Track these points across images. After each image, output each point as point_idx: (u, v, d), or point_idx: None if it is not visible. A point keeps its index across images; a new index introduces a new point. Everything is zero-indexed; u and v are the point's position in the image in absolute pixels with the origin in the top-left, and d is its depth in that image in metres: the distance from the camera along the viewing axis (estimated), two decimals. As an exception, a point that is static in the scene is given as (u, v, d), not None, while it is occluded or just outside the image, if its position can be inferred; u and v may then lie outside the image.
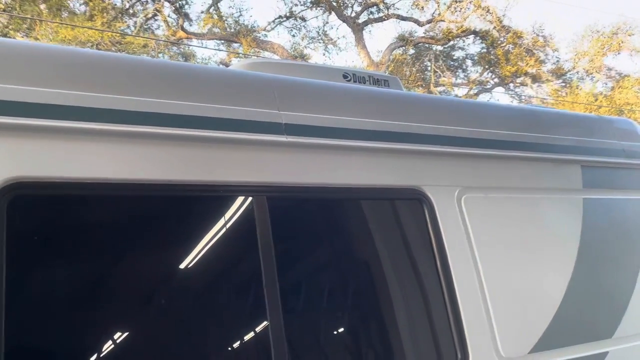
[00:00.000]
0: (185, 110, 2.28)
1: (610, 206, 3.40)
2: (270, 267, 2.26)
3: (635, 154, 3.66)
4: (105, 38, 15.31)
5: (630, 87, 20.96)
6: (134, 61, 2.48)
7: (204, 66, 4.71)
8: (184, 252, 2.22)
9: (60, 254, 2.01)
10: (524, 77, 20.29)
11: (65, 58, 2.20)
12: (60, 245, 2.02)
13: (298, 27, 19.40)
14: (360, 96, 2.98)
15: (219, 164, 2.31)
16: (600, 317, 3.08)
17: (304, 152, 2.53)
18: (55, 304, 1.96)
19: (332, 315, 2.52)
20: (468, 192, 2.88)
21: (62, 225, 2.05)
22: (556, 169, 3.28)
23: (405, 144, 2.81)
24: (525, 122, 3.37)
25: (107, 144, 2.10)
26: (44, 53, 2.20)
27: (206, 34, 18.04)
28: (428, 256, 2.71)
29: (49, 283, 1.96)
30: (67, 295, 2.00)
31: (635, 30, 20.51)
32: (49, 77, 2.06)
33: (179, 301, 2.21)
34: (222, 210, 2.34)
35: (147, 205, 2.23)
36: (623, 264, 3.29)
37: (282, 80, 2.72)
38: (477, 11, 18.50)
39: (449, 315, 2.62)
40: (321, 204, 2.63)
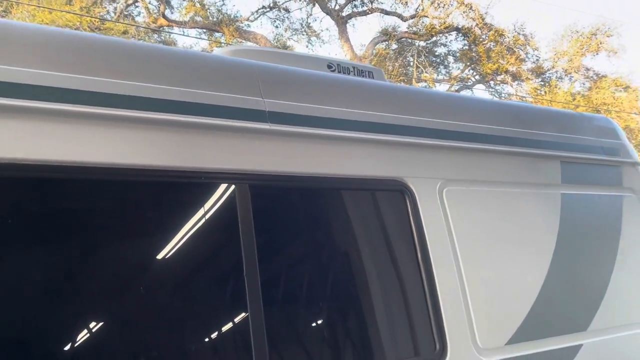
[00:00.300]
0: (165, 94, 2.23)
1: (587, 202, 3.45)
2: (251, 256, 2.23)
3: (613, 151, 3.72)
4: (84, 23, 15.00)
5: (607, 88, 21.36)
6: (112, 42, 2.42)
7: (186, 50, 4.62)
8: (163, 239, 2.18)
9: (30, 239, 1.95)
10: (505, 75, 20.51)
11: (35, 36, 2.13)
12: (30, 230, 1.95)
13: (281, 18, 19.28)
14: (345, 86, 2.96)
15: (201, 150, 2.28)
16: (576, 310, 3.13)
17: (287, 140, 2.51)
18: (21, 294, 1.90)
19: (312, 305, 2.51)
20: (450, 185, 2.89)
21: (31, 209, 1.98)
22: (536, 164, 3.32)
23: (388, 135, 2.81)
24: (507, 117, 3.39)
25: (82, 127, 2.04)
26: (10, 30, 2.11)
27: (188, 22, 17.80)
28: (409, 248, 2.71)
29: (15, 268, 1.90)
30: (32, 285, 1.93)
31: (613, 32, 20.90)
32: (17, 55, 1.98)
33: (157, 290, 2.17)
34: (204, 197, 2.30)
35: (125, 191, 2.18)
36: (598, 259, 3.35)
37: (266, 67, 2.69)
38: (460, 8, 18.62)
39: (428, 307, 2.63)
40: (304, 193, 2.61)
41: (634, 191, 3.66)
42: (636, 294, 3.40)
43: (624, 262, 3.39)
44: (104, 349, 2.00)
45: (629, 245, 3.46)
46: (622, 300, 3.30)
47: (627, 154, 3.81)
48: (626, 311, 3.31)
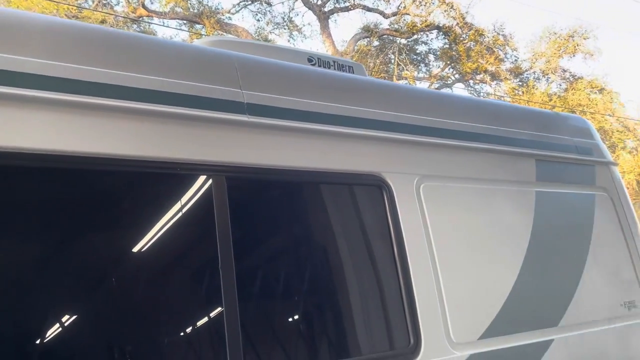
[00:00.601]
0: (141, 83, 2.20)
1: (561, 200, 3.51)
2: (227, 249, 2.22)
3: (587, 151, 3.79)
4: (61, 11, 14.68)
5: (582, 89, 21.76)
6: (87, 29, 2.37)
7: (165, 39, 4.56)
8: (137, 231, 2.15)
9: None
10: (484, 74, 20.73)
11: (6, 20, 2.06)
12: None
13: (263, 12, 19.15)
14: (325, 80, 2.96)
15: (177, 141, 2.24)
16: (547, 306, 3.19)
17: (265, 133, 2.49)
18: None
19: (287, 299, 2.50)
20: (427, 181, 2.91)
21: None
22: (512, 162, 3.36)
23: (367, 130, 2.81)
24: (485, 114, 3.43)
25: (54, 114, 1.99)
26: None
27: (168, 12, 17.56)
28: (385, 242, 2.72)
29: None
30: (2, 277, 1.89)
31: (590, 34, 21.28)
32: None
33: (131, 283, 2.14)
34: (179, 189, 2.27)
35: (98, 181, 2.14)
36: (570, 256, 3.42)
37: (246, 58, 2.67)
38: (441, 6, 18.74)
39: (403, 302, 2.65)
40: (281, 187, 2.60)
41: (606, 190, 3.74)
42: (606, 291, 3.48)
43: (595, 259, 3.46)
44: (74, 340, 1.96)
45: (600, 243, 3.53)
46: (592, 297, 3.37)
47: (600, 153, 3.88)
48: (596, 307, 3.38)
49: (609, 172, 3.84)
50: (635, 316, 3.51)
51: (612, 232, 3.64)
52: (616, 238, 3.64)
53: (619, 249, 3.63)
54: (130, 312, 2.11)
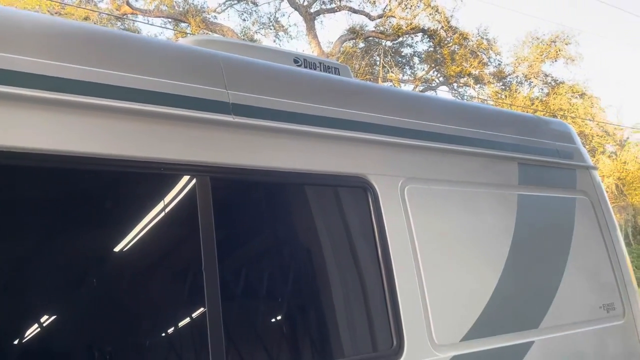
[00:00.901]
0: (126, 82, 2.17)
1: (542, 203, 3.55)
2: (210, 250, 2.20)
3: (568, 155, 3.85)
4: (44, 7, 14.48)
5: (564, 94, 22.09)
6: (71, 26, 2.33)
7: (149, 37, 4.52)
8: (120, 231, 2.12)
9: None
10: (467, 77, 20.94)
11: None
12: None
13: (249, 12, 19.12)
14: (311, 81, 2.96)
15: (161, 140, 2.22)
16: (528, 308, 3.22)
17: (250, 133, 2.48)
18: None
19: (271, 300, 2.49)
20: (411, 183, 2.92)
21: None
22: (495, 165, 3.39)
23: (352, 132, 2.82)
24: (469, 118, 3.46)
25: (37, 112, 1.95)
26: None
27: (153, 10, 17.42)
28: (369, 244, 2.73)
29: None
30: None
31: (571, 40, 21.61)
32: None
33: (114, 284, 2.11)
34: (163, 188, 2.25)
35: (82, 181, 2.11)
36: (551, 259, 3.46)
37: (231, 58, 2.65)
38: (426, 10, 18.88)
39: (387, 303, 2.66)
40: (266, 188, 2.59)
41: (586, 194, 3.79)
42: (585, 293, 3.53)
43: (575, 262, 3.51)
44: (54, 341, 1.93)
45: (580, 246, 3.58)
46: (572, 299, 3.41)
47: (581, 157, 3.94)
48: (576, 309, 3.43)
49: (590, 176, 3.90)
50: (613, 318, 3.56)
51: (592, 235, 3.70)
52: (596, 241, 3.70)
53: (599, 252, 3.68)
54: (114, 313, 2.09)
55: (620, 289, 3.67)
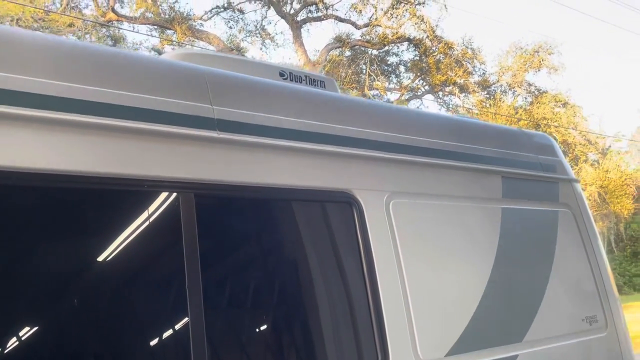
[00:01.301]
0: (109, 98, 2.15)
1: (526, 216, 3.59)
2: (194, 267, 2.18)
3: (550, 168, 3.89)
4: (27, 13, 14.32)
5: (547, 103, 22.40)
6: (52, 41, 2.31)
7: (131, 52, 4.49)
8: (104, 249, 2.10)
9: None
10: (453, 86, 21.14)
11: None
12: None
13: (235, 19, 19.12)
14: (296, 96, 2.96)
15: (145, 157, 2.20)
16: (512, 321, 3.24)
17: (235, 149, 2.47)
18: None
19: (256, 317, 2.48)
20: (396, 197, 2.93)
21: None
22: (479, 179, 3.42)
23: (337, 147, 2.82)
24: (453, 132, 3.48)
25: (20, 130, 1.92)
26: None
27: (138, 17, 17.34)
28: (355, 259, 2.73)
29: None
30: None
31: (554, 50, 21.96)
32: None
33: (98, 301, 2.09)
34: (146, 205, 2.22)
35: (66, 199, 2.08)
36: (535, 272, 3.49)
37: (216, 74, 2.64)
38: (412, 19, 19.04)
39: (372, 318, 2.65)
40: (251, 204, 2.58)
41: (568, 207, 3.84)
42: (568, 306, 3.56)
43: (558, 275, 3.54)
44: (34, 355, 1.90)
45: (563, 258, 3.62)
46: (555, 312, 3.44)
47: (563, 170, 3.99)
48: (559, 322, 3.46)
49: (572, 188, 3.95)
50: (596, 331, 3.60)
51: (574, 248, 3.74)
52: (578, 254, 3.74)
53: (581, 265, 3.73)
54: (98, 330, 2.06)
55: (602, 301, 3.71)
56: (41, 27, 14.74)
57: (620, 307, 3.87)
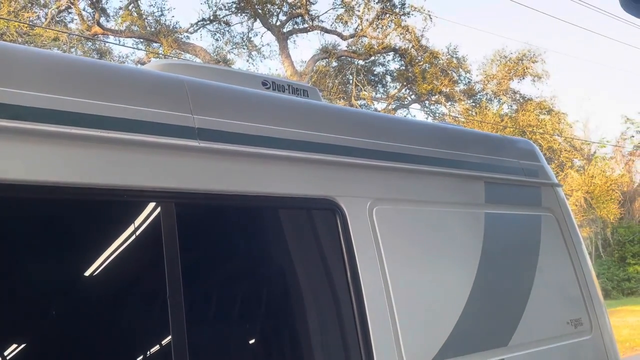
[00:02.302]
0: (86, 108, 2.14)
1: (509, 221, 3.61)
2: (175, 278, 2.16)
3: (532, 173, 3.93)
4: (12, 28, 14.26)
5: (532, 110, 22.67)
6: (30, 53, 2.30)
7: (111, 63, 4.48)
8: (83, 260, 2.08)
9: None
10: (439, 95, 21.33)
11: None
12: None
13: (222, 32, 19.19)
14: (278, 104, 2.96)
15: (125, 167, 2.19)
16: (497, 326, 3.25)
17: (217, 158, 2.46)
18: None
19: (239, 327, 2.46)
20: (379, 204, 2.94)
21: None
22: (462, 185, 3.44)
23: (320, 154, 2.83)
24: (435, 138, 3.51)
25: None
26: None
27: (124, 31, 17.33)
28: (339, 266, 2.73)
29: None
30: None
31: (538, 58, 22.27)
32: None
33: (76, 314, 2.06)
34: (126, 216, 2.21)
35: (43, 209, 2.07)
36: (518, 276, 3.51)
37: (197, 83, 2.65)
38: (397, 30, 19.23)
39: (356, 324, 2.65)
40: (233, 213, 2.57)
41: (551, 211, 3.87)
42: (553, 309, 3.58)
43: (542, 279, 3.57)
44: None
45: (546, 262, 3.64)
46: (540, 316, 3.46)
47: (545, 175, 4.03)
48: (544, 326, 3.47)
49: (554, 193, 3.98)
50: (581, 334, 3.62)
51: (558, 251, 3.77)
52: (562, 257, 3.77)
53: (565, 268, 3.75)
54: (79, 341, 2.03)
55: (587, 304, 3.73)
56: (26, 41, 14.67)
57: (605, 310, 3.90)
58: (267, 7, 18.32)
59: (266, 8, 18.38)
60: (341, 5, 18.89)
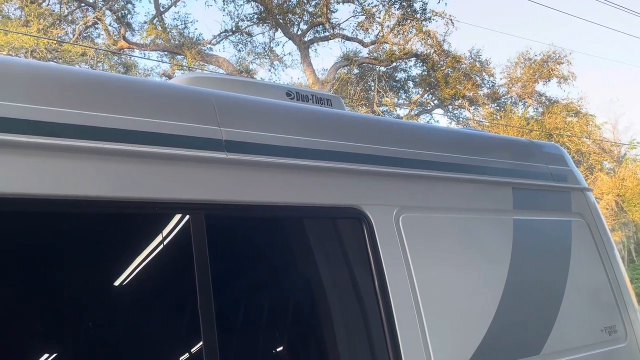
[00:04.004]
0: (119, 124, 2.20)
1: (538, 227, 3.56)
2: (206, 288, 2.20)
3: (561, 177, 3.87)
4: (41, 45, 14.67)
5: (559, 113, 22.26)
6: (61, 71, 2.38)
7: (140, 79, 4.60)
8: (115, 272, 2.12)
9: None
10: (462, 99, 21.13)
11: None
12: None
13: (244, 42, 19.39)
14: (303, 115, 2.99)
15: (155, 180, 2.24)
16: (529, 334, 3.20)
17: (244, 169, 2.50)
18: None
19: (269, 337, 2.48)
20: (406, 212, 2.94)
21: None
22: (489, 191, 3.41)
23: (345, 164, 2.84)
24: (461, 144, 3.49)
25: (33, 158, 1.98)
26: None
27: (149, 44, 17.66)
28: (366, 275, 2.73)
29: None
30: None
31: (563, 60, 21.88)
32: None
33: (110, 324, 2.11)
34: (157, 228, 2.26)
35: (78, 223, 2.13)
36: (550, 283, 3.45)
37: (223, 95, 2.69)
38: (418, 35, 19.15)
39: (385, 334, 2.64)
40: (261, 223, 2.60)
41: (582, 216, 3.80)
42: (586, 317, 3.51)
43: (574, 285, 3.50)
44: None
45: (578, 268, 3.57)
46: (573, 323, 3.39)
47: (575, 179, 3.96)
48: (578, 333, 3.40)
49: (584, 197, 3.91)
50: (615, 341, 3.54)
51: (589, 257, 3.69)
52: (594, 263, 3.69)
53: (598, 274, 3.68)
54: (111, 352, 2.08)
55: (621, 311, 3.65)
56: (55, 57, 15.08)
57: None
58: (288, 16, 18.46)
59: (287, 18, 18.52)
60: (362, 13, 18.91)
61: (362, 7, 18.65)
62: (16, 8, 15.88)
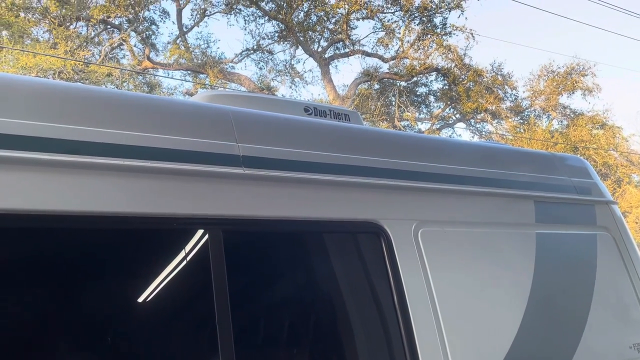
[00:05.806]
0: (138, 141, 2.25)
1: (562, 241, 3.48)
2: (224, 303, 2.20)
3: (585, 190, 3.79)
4: (68, 66, 15.10)
5: (584, 125, 21.91)
6: (84, 90, 2.44)
7: (159, 97, 4.69)
8: (133, 287, 2.15)
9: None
10: (484, 113, 20.97)
11: (11, 86, 2.14)
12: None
13: (265, 60, 19.66)
14: (320, 130, 3.00)
15: (173, 196, 2.27)
16: (554, 349, 3.12)
17: (261, 185, 2.52)
18: None
19: (287, 353, 2.46)
20: (425, 226, 2.91)
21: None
22: (511, 204, 3.36)
23: (363, 178, 2.83)
24: (481, 158, 3.45)
25: (52, 175, 2.03)
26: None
27: (172, 64, 18.04)
28: (385, 290, 2.70)
29: None
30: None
31: (587, 71, 21.58)
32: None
33: (129, 339, 2.13)
34: (175, 244, 2.28)
35: (96, 239, 2.16)
36: (575, 297, 3.36)
37: (241, 112, 2.73)
38: (439, 49, 19.14)
39: (405, 350, 2.60)
40: (278, 238, 2.60)
41: (607, 229, 3.71)
42: (614, 333, 3.40)
43: (601, 301, 3.40)
44: None
45: (604, 283, 3.48)
46: (600, 340, 3.29)
47: (599, 192, 3.88)
48: (605, 350, 3.30)
49: (610, 211, 3.82)
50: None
51: (616, 271, 3.59)
52: (621, 278, 3.59)
53: (625, 289, 3.57)
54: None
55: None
56: (81, 78, 15.49)
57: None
58: (308, 34, 18.68)
59: (308, 35, 18.73)
60: (382, 29, 19.02)
61: (382, 23, 18.75)
62: (45, 31, 16.43)
